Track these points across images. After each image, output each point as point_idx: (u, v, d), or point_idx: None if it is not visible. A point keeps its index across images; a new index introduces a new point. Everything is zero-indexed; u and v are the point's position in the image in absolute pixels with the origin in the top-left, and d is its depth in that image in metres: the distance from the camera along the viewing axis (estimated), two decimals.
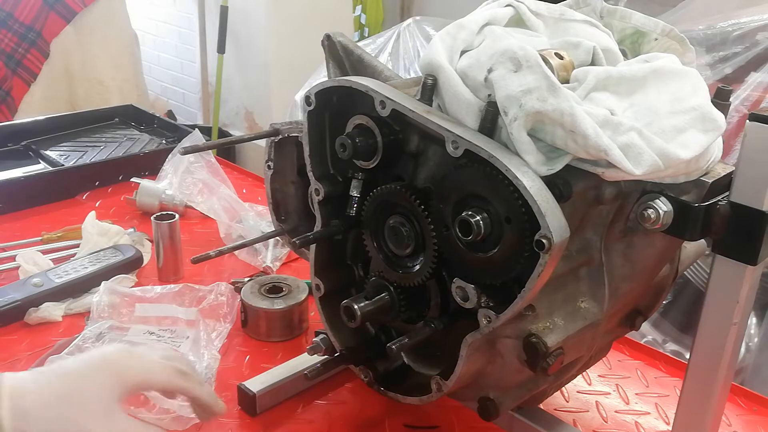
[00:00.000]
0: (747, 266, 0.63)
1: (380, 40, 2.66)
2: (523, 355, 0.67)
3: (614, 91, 0.64)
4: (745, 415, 0.95)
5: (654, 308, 0.82)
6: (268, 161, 0.90)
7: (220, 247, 0.91)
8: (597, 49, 0.69)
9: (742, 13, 1.92)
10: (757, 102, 1.73)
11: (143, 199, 1.43)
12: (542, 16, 0.73)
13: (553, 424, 0.83)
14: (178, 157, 1.45)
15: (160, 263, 1.20)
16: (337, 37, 0.85)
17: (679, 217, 0.64)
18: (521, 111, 0.59)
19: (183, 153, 1.14)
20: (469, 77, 0.64)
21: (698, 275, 1.65)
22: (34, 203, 1.45)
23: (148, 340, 0.99)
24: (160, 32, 4.16)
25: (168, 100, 4.22)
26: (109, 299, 1.04)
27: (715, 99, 0.67)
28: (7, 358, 0.98)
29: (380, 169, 0.72)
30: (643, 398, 0.97)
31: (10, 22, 2.87)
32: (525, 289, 0.60)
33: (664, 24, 0.74)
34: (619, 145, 0.59)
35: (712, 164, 0.67)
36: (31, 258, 1.18)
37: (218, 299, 1.07)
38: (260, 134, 0.90)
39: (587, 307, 0.71)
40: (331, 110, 0.76)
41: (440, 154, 0.69)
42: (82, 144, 1.78)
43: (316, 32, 1.02)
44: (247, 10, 3.47)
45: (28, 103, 2.95)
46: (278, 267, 1.25)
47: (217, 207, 1.36)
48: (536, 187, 0.58)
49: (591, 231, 0.70)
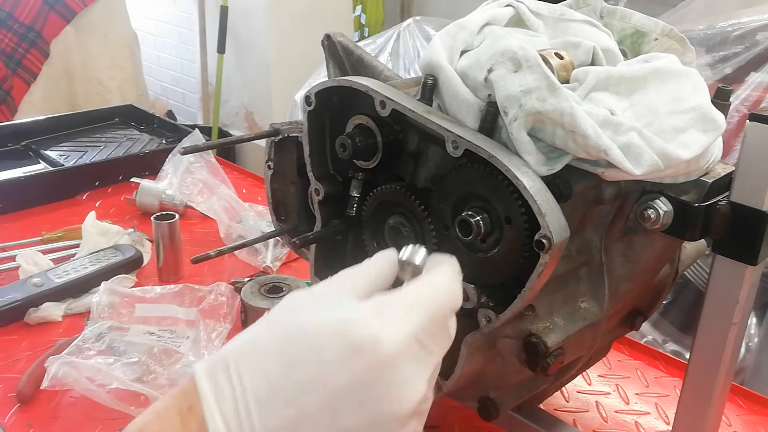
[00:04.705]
0: (747, 266, 0.63)
1: (380, 40, 2.66)
2: (523, 355, 0.67)
3: (614, 91, 0.64)
4: (745, 415, 0.95)
5: (654, 308, 0.82)
6: (268, 161, 0.90)
7: (220, 247, 0.91)
8: (597, 49, 0.69)
9: (742, 13, 1.92)
10: (757, 102, 1.73)
11: (143, 199, 1.43)
12: (542, 16, 0.72)
13: (553, 424, 0.83)
14: (178, 157, 1.45)
15: (160, 263, 1.20)
16: (337, 37, 0.85)
17: (679, 217, 0.64)
18: (521, 111, 0.59)
19: (183, 153, 1.14)
20: (469, 77, 0.64)
21: (698, 275, 1.65)
22: (34, 203, 1.45)
23: (148, 340, 0.99)
24: (160, 32, 4.16)
25: (168, 100, 4.22)
26: (109, 299, 1.04)
27: (715, 99, 0.67)
28: (7, 358, 0.99)
29: (380, 169, 0.72)
30: (643, 398, 0.97)
31: (10, 22, 2.88)
32: (525, 289, 0.60)
33: (664, 24, 0.74)
34: (619, 145, 0.59)
35: (712, 164, 0.67)
36: (31, 258, 1.18)
37: (218, 299, 1.07)
38: (260, 134, 0.90)
39: (587, 307, 0.71)
40: (331, 110, 0.75)
41: (440, 154, 0.69)
42: (82, 144, 1.78)
43: (316, 32, 1.02)
44: (247, 10, 3.47)
45: (28, 103, 2.95)
46: (278, 267, 1.25)
47: (217, 207, 1.36)
48: (536, 187, 0.58)
49: (591, 231, 0.70)
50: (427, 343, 0.47)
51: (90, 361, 0.92)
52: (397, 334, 0.46)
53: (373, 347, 0.45)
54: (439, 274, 0.52)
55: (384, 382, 0.45)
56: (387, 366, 0.45)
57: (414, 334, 0.47)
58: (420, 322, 0.47)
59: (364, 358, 0.45)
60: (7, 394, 0.91)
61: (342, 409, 0.44)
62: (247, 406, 0.44)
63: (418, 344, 0.47)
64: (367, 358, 0.45)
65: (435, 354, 0.48)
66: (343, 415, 0.45)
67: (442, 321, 0.49)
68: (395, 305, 0.48)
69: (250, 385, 0.44)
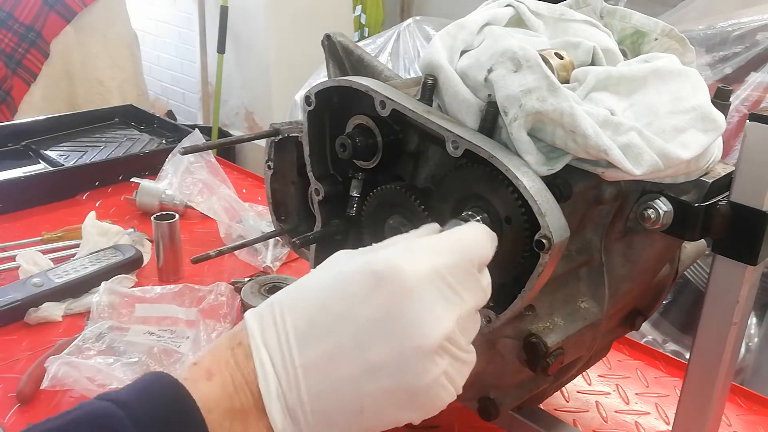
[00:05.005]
0: (747, 266, 0.63)
1: (380, 40, 2.66)
2: (523, 355, 0.67)
3: (614, 91, 0.64)
4: (745, 415, 0.95)
5: (654, 308, 0.82)
6: (268, 161, 0.90)
7: (220, 247, 0.91)
8: (597, 49, 0.69)
9: (742, 13, 1.92)
10: (757, 102, 1.73)
11: (143, 199, 1.43)
12: (542, 16, 0.72)
13: (553, 424, 0.83)
14: (178, 157, 1.45)
15: (160, 263, 1.20)
16: (337, 37, 0.85)
17: (679, 217, 0.64)
18: (521, 111, 0.58)
19: (183, 153, 1.14)
20: (469, 77, 0.64)
21: (698, 275, 1.65)
22: (34, 203, 1.45)
23: (148, 340, 0.99)
24: (160, 32, 4.16)
25: (168, 100, 4.22)
26: (109, 299, 1.04)
27: (715, 99, 0.67)
28: (7, 358, 0.99)
29: (380, 169, 0.72)
30: (643, 398, 0.97)
31: (10, 22, 2.88)
32: (525, 289, 0.60)
33: (664, 24, 0.74)
34: (619, 145, 0.59)
35: (712, 164, 0.67)
36: (31, 258, 1.18)
37: (218, 299, 1.07)
38: (260, 134, 0.90)
39: (587, 307, 0.71)
40: (331, 110, 0.75)
41: (440, 154, 0.69)
42: (82, 144, 1.78)
43: (316, 32, 1.02)
44: (247, 10, 3.47)
45: (28, 103, 2.95)
46: (278, 267, 1.25)
47: (217, 207, 1.36)
48: (536, 187, 0.58)
49: (591, 231, 0.70)
50: (453, 284, 0.49)
51: (90, 361, 0.92)
52: (419, 265, 0.48)
53: (394, 276, 0.47)
54: (469, 227, 0.55)
55: (407, 314, 0.47)
56: (408, 296, 0.47)
57: (437, 271, 0.48)
58: (445, 262, 0.49)
59: (387, 288, 0.47)
60: (7, 394, 0.91)
61: (369, 343, 0.47)
62: (288, 340, 0.48)
63: (442, 281, 0.49)
64: (388, 288, 0.47)
65: (465, 300, 0.50)
66: (371, 349, 0.47)
67: (470, 268, 0.51)
68: (422, 245, 0.51)
69: (291, 322, 0.48)
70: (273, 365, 0.47)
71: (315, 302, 0.49)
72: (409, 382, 0.47)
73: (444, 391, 0.49)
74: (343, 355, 0.47)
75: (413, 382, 0.47)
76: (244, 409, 0.47)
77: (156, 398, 0.46)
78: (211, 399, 0.47)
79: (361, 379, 0.47)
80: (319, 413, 0.47)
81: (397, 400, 0.48)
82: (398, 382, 0.47)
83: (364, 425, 0.49)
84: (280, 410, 0.47)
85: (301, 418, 0.47)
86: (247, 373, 0.48)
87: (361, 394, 0.47)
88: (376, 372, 0.47)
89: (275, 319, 0.49)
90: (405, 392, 0.48)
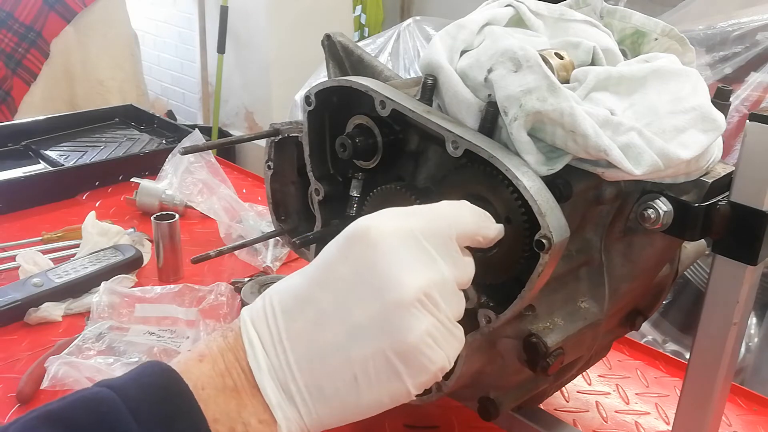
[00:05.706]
0: (747, 266, 0.63)
1: (380, 40, 2.66)
2: (523, 355, 0.67)
3: (614, 91, 0.64)
4: (745, 415, 0.95)
5: (654, 308, 0.82)
6: (268, 161, 0.90)
7: (220, 247, 0.91)
8: (597, 49, 0.69)
9: (742, 13, 1.93)
10: (757, 102, 1.73)
11: (143, 199, 1.43)
12: (542, 16, 0.72)
13: (553, 424, 0.83)
14: (178, 157, 1.45)
15: (160, 263, 1.20)
16: (337, 37, 0.85)
17: (679, 217, 0.64)
18: (521, 111, 0.58)
19: (183, 153, 1.14)
20: (469, 77, 0.64)
21: (698, 275, 1.65)
22: (34, 203, 1.45)
23: (148, 340, 0.99)
24: (160, 32, 4.16)
25: (168, 100, 4.22)
26: (109, 299, 1.04)
27: (715, 99, 0.67)
28: (7, 358, 0.99)
29: (380, 169, 0.72)
30: (643, 398, 0.97)
31: (10, 22, 2.88)
32: (525, 289, 0.60)
33: (664, 24, 0.74)
34: (619, 145, 0.59)
35: (712, 164, 0.67)
36: (31, 258, 1.18)
37: (218, 299, 1.07)
38: (260, 134, 0.90)
39: (587, 307, 0.71)
40: (331, 110, 0.75)
41: (440, 154, 0.69)
42: (82, 144, 1.78)
43: (316, 32, 1.02)
44: (247, 10, 3.47)
45: (28, 103, 2.95)
46: (278, 267, 1.25)
47: (217, 207, 1.36)
48: (536, 187, 0.58)
49: (591, 231, 0.70)
50: (426, 247, 0.50)
51: (90, 361, 0.92)
52: (386, 222, 0.50)
53: (363, 232, 0.49)
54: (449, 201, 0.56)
55: (379, 267, 0.48)
56: (379, 249, 0.49)
57: (408, 229, 0.50)
58: (417, 223, 0.51)
59: (358, 246, 0.49)
60: (7, 394, 0.91)
61: (350, 304, 0.48)
62: (275, 316, 0.49)
63: (413, 240, 0.50)
64: (358, 245, 0.49)
65: (441, 267, 0.50)
66: (352, 311, 0.48)
67: (446, 238, 0.52)
68: (394, 210, 0.52)
69: (279, 301, 0.50)
70: (261, 341, 0.49)
71: (300, 278, 0.51)
72: (394, 341, 0.47)
73: (431, 351, 0.48)
74: (326, 321, 0.48)
75: (398, 339, 0.47)
76: (236, 387, 0.48)
77: (148, 381, 0.47)
78: (203, 378, 0.48)
79: (347, 344, 0.48)
80: (312, 387, 0.48)
81: (388, 365, 0.48)
82: (383, 342, 0.47)
83: (362, 401, 0.49)
84: (274, 387, 0.48)
85: (295, 393, 0.48)
86: (237, 350, 0.49)
87: (351, 360, 0.48)
88: (360, 334, 0.48)
89: (264, 303, 0.51)
90: (393, 353, 0.48)
